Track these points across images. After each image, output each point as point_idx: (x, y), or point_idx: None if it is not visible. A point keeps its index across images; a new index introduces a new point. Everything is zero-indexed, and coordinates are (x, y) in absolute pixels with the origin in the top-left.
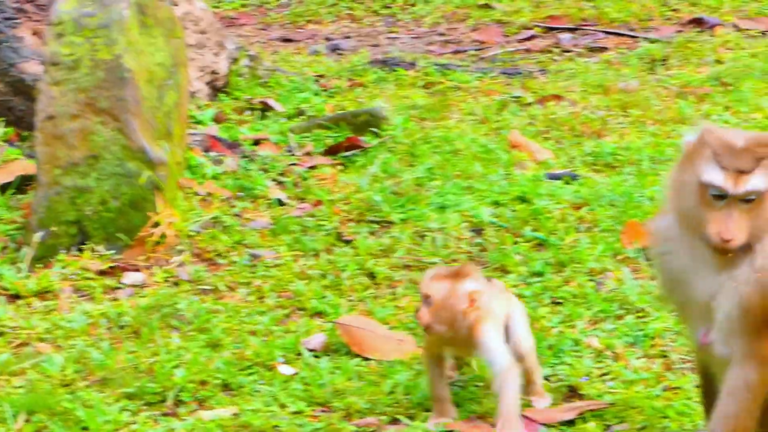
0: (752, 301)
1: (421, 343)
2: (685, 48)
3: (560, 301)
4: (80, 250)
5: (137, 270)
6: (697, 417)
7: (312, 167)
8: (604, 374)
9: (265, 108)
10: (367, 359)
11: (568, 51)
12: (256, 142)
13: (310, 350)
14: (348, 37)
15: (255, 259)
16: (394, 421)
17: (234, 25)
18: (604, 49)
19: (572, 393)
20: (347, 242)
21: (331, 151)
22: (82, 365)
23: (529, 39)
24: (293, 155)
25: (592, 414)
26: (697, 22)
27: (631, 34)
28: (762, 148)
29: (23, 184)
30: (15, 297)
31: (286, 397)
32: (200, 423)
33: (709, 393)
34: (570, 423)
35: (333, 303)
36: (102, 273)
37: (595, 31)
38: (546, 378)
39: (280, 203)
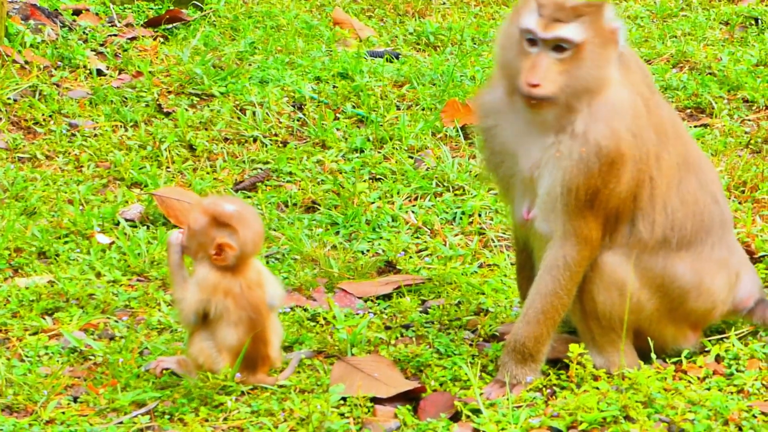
0: (574, 179)
1: None
2: None
3: (379, 177)
4: None
5: None
6: (512, 294)
7: (133, 39)
8: (421, 250)
9: None
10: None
11: None
12: (77, 12)
13: (128, 220)
14: None
15: (73, 128)
16: None
17: None
18: None
19: (389, 268)
20: (167, 114)
21: (152, 23)
22: None
23: None
24: (114, 26)
25: (409, 289)
26: None
27: None
28: (587, 8)
29: None
30: None
31: (102, 266)
32: (15, 289)
33: (525, 270)
34: (387, 297)
35: (151, 174)
36: None
37: None
38: (363, 252)
39: (100, 73)
